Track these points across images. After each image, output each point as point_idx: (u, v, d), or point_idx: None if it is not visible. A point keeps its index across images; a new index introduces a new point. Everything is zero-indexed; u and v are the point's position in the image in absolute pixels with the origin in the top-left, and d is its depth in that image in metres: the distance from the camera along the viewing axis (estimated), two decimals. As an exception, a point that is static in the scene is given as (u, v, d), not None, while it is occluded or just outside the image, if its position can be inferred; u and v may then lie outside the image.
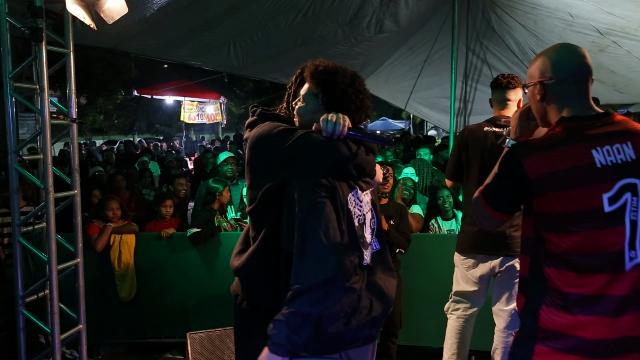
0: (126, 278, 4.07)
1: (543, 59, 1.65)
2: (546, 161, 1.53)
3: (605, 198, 1.50)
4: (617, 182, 1.51)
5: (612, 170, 1.51)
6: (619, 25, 4.71)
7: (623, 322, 1.51)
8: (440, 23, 6.22)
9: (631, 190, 1.51)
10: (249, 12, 4.67)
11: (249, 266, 1.88)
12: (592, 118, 1.60)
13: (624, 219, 1.51)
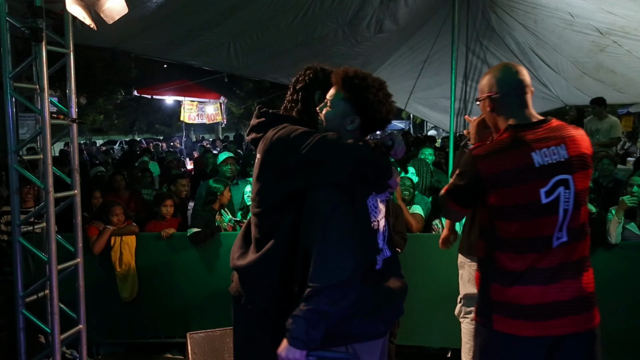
0: (127, 279, 4.07)
1: (489, 77, 2.01)
2: (495, 163, 1.88)
3: (542, 192, 1.86)
4: (552, 179, 1.85)
5: (548, 169, 1.85)
6: (619, 25, 4.71)
7: (552, 290, 1.89)
8: (440, 23, 6.22)
9: (564, 184, 1.87)
10: (249, 11, 4.66)
11: (261, 267, 1.91)
12: (533, 125, 1.94)
13: (557, 209, 1.87)
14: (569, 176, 1.87)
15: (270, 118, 1.99)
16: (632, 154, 12.30)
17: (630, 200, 3.80)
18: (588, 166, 1.95)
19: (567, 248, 1.91)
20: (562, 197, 1.87)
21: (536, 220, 1.88)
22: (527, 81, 1.99)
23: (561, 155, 1.88)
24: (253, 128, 2.04)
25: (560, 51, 6.00)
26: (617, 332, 3.78)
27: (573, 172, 1.88)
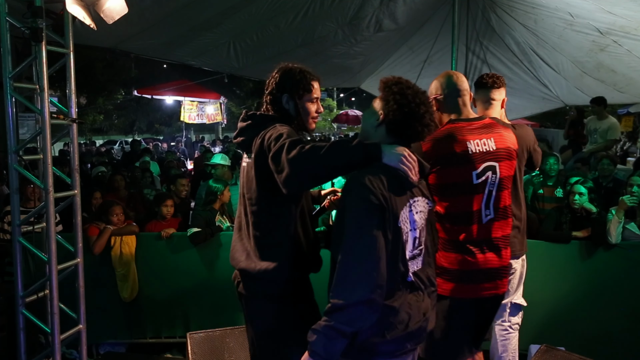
0: (128, 278, 4.07)
1: (436, 82, 2.45)
2: (435, 148, 2.28)
3: (474, 174, 2.27)
4: (482, 164, 2.28)
5: (480, 156, 2.28)
6: (619, 25, 4.71)
7: (485, 258, 2.31)
8: (440, 23, 6.22)
9: (492, 170, 2.29)
10: (249, 11, 4.66)
11: (276, 270, 2.02)
12: (469, 120, 2.37)
13: (484, 189, 2.29)
14: (496, 164, 2.30)
15: (257, 119, 2.08)
16: (632, 154, 12.31)
17: (630, 200, 3.80)
18: (512, 158, 2.38)
19: (494, 224, 2.33)
20: (489, 180, 2.29)
21: (467, 197, 2.28)
22: (464, 87, 2.43)
23: (490, 146, 2.31)
24: (241, 131, 2.11)
25: (560, 51, 6.00)
26: (617, 331, 3.78)
27: (499, 160, 2.31)
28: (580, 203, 3.97)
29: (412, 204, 1.82)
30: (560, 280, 3.86)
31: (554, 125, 18.20)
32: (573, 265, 3.87)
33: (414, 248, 1.85)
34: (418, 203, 1.85)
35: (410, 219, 1.81)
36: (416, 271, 1.86)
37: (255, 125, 2.07)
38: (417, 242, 1.86)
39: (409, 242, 1.81)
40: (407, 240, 1.81)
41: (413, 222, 1.82)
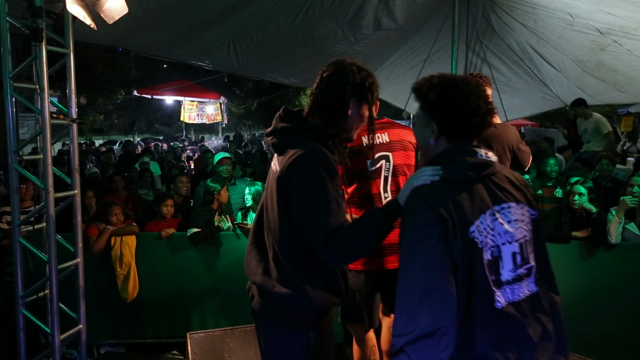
0: (128, 279, 4.06)
1: None
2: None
3: (368, 163, 2.62)
4: (376, 154, 2.63)
5: (374, 147, 2.63)
6: (618, 25, 4.71)
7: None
8: (441, 23, 6.22)
9: (385, 158, 2.64)
10: (249, 11, 4.66)
11: (302, 295, 1.80)
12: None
13: (380, 175, 2.63)
14: (390, 153, 2.66)
15: (293, 124, 1.85)
16: (632, 153, 12.31)
17: (632, 201, 3.80)
18: (407, 149, 2.71)
19: None
20: (383, 167, 2.64)
21: (365, 182, 2.64)
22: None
23: (383, 139, 2.69)
24: (276, 132, 1.89)
25: (561, 50, 5.99)
26: (617, 332, 3.78)
27: (393, 151, 2.67)
28: (580, 203, 3.97)
29: (498, 211, 1.50)
30: (560, 280, 3.83)
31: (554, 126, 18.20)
32: (573, 265, 3.87)
33: (516, 267, 1.51)
34: (511, 210, 1.53)
35: (497, 230, 1.48)
36: (519, 300, 1.50)
37: (291, 130, 1.85)
38: (519, 260, 1.51)
39: (503, 259, 1.49)
40: (500, 256, 1.48)
41: (504, 233, 1.49)
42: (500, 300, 1.47)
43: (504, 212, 1.52)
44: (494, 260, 1.47)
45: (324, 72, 1.90)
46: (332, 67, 1.88)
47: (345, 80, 1.84)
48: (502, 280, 1.47)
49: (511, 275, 1.49)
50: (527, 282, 1.53)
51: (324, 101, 1.86)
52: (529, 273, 1.54)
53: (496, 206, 1.51)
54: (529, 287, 1.53)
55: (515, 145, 3.04)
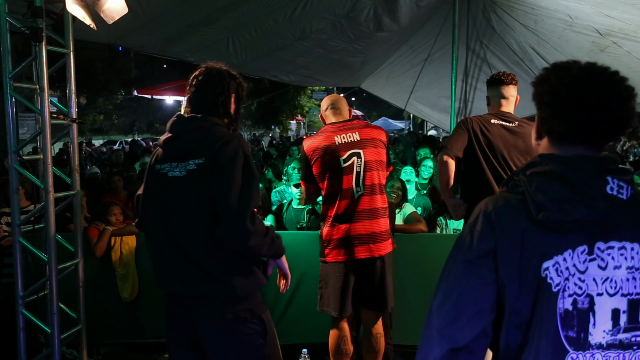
0: (128, 279, 4.06)
1: (323, 101, 3.24)
2: (312, 144, 2.98)
3: (341, 160, 2.89)
4: (348, 151, 2.90)
5: (345, 146, 2.91)
6: (618, 27, 4.71)
7: (353, 227, 2.89)
8: (441, 22, 6.23)
9: (357, 155, 2.89)
10: (248, 7, 4.67)
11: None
12: (341, 122, 3.03)
13: (352, 171, 2.88)
14: (360, 150, 2.90)
15: (207, 121, 2.10)
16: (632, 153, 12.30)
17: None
18: (378, 146, 2.94)
19: (364, 199, 2.90)
20: (355, 163, 2.88)
21: (338, 179, 2.89)
22: (329, 102, 3.16)
23: (354, 138, 2.92)
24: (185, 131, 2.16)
25: (561, 50, 6.00)
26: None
27: (363, 148, 2.90)
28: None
29: (599, 250, 1.13)
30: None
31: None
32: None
33: (617, 329, 1.12)
34: (623, 252, 1.12)
35: (592, 275, 1.12)
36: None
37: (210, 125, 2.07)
38: (625, 320, 1.12)
39: (597, 315, 1.12)
40: (594, 310, 1.12)
41: (603, 280, 1.11)
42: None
43: (609, 254, 1.13)
44: (582, 314, 1.12)
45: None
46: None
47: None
48: (592, 342, 1.12)
49: (607, 339, 1.12)
50: (627, 354, 1.12)
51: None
52: (637, 345, 1.12)
53: (599, 242, 1.13)
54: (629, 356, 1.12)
55: None
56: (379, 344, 3.12)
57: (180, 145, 2.01)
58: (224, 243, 1.93)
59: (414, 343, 4.01)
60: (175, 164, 2.00)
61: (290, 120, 30.48)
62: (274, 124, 28.49)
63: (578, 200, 1.11)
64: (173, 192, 2.00)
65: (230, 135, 2.01)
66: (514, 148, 3.03)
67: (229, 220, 1.89)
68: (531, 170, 1.18)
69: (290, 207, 4.44)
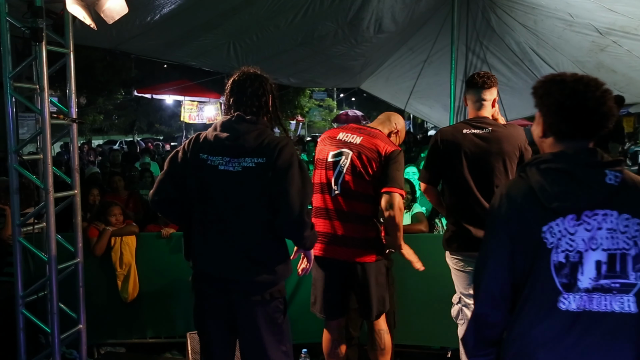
0: (128, 279, 4.06)
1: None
2: (325, 134, 3.09)
3: (330, 154, 2.94)
4: (339, 149, 2.93)
5: (341, 143, 2.95)
6: (619, 25, 4.71)
7: (329, 225, 2.91)
8: (440, 23, 6.23)
9: (345, 155, 2.90)
10: (249, 12, 4.67)
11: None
12: (362, 126, 3.09)
13: (336, 167, 2.90)
14: (350, 152, 2.89)
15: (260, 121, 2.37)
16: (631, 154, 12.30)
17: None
18: (372, 159, 2.85)
19: (339, 199, 2.88)
20: (340, 162, 2.89)
21: (322, 171, 2.94)
22: (383, 118, 3.18)
23: (354, 140, 2.92)
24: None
25: (560, 51, 6.00)
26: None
27: (354, 151, 2.88)
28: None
29: (586, 216, 1.49)
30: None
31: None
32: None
33: (600, 276, 1.47)
34: (606, 218, 1.48)
35: (580, 235, 1.48)
36: (595, 311, 1.47)
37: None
38: (605, 269, 1.47)
39: (585, 265, 1.47)
40: (581, 262, 1.47)
41: (589, 239, 1.48)
42: (567, 303, 1.48)
43: (595, 219, 1.48)
44: (571, 265, 1.48)
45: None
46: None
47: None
48: (580, 286, 1.47)
49: (591, 283, 1.47)
50: (620, 298, 1.46)
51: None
52: (624, 289, 1.46)
53: (588, 210, 1.48)
54: (622, 305, 1.46)
55: (523, 145, 3.05)
56: (383, 340, 3.06)
57: (240, 144, 2.21)
58: (283, 232, 2.25)
59: (414, 342, 4.02)
60: (227, 159, 2.21)
61: (290, 121, 30.51)
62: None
63: (583, 192, 1.48)
64: (225, 184, 2.21)
65: (286, 140, 2.26)
66: (488, 154, 2.91)
67: (291, 213, 2.17)
68: (545, 165, 1.54)
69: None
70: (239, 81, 2.34)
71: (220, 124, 2.29)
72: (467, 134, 2.98)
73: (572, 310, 1.47)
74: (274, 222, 2.21)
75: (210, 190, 2.24)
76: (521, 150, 3.03)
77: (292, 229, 2.23)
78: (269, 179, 2.17)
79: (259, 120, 2.28)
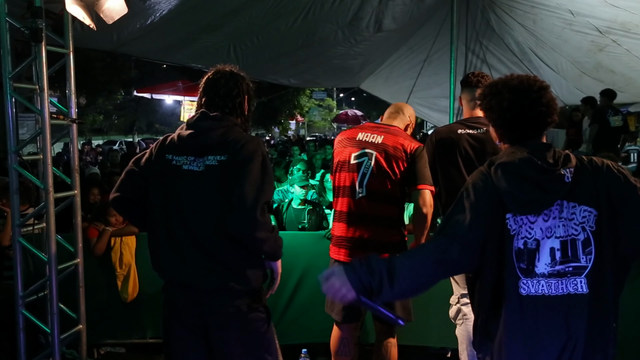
0: (128, 279, 4.06)
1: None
2: (341, 134, 3.03)
3: (352, 155, 2.84)
4: (361, 149, 2.84)
5: (362, 143, 2.85)
6: (619, 22, 4.70)
7: (353, 228, 2.82)
8: (440, 23, 6.23)
9: (368, 156, 2.81)
10: (249, 15, 4.68)
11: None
12: (379, 124, 2.99)
13: (359, 170, 2.81)
14: (374, 152, 2.79)
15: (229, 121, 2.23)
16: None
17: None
18: (396, 155, 2.79)
19: (364, 202, 2.79)
20: (364, 164, 2.80)
21: (345, 173, 2.85)
22: (395, 110, 3.12)
23: (376, 140, 2.83)
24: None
25: (559, 51, 6.01)
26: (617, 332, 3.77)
27: (378, 152, 2.80)
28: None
29: (554, 209, 1.61)
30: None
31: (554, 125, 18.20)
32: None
33: (555, 262, 1.59)
34: (560, 208, 1.62)
35: (539, 225, 1.61)
36: (554, 295, 1.58)
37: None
38: (558, 256, 1.59)
39: (541, 252, 1.59)
40: (538, 250, 1.60)
41: (546, 228, 1.60)
42: (526, 288, 1.58)
43: (560, 210, 1.60)
44: (528, 252, 1.59)
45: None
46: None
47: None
48: (537, 272, 1.58)
49: (547, 269, 1.58)
50: (573, 280, 1.57)
51: None
52: (576, 272, 1.58)
53: (557, 203, 1.61)
54: (575, 286, 1.57)
55: None
56: (390, 354, 3.01)
57: (203, 141, 2.08)
58: (232, 232, 2.00)
59: (414, 343, 4.01)
60: (192, 158, 2.07)
61: (290, 120, 30.50)
62: (274, 125, 28.51)
63: (546, 197, 1.59)
64: (189, 185, 2.07)
65: (252, 137, 2.13)
66: (483, 154, 2.90)
67: (240, 209, 1.96)
68: (510, 170, 1.62)
69: (291, 207, 4.45)
70: (212, 80, 2.20)
71: (186, 123, 2.18)
72: (462, 134, 3.00)
73: (532, 295, 1.57)
74: (226, 220, 2.00)
75: (175, 191, 2.09)
76: None
77: (242, 227, 1.99)
78: (229, 177, 2.03)
79: (225, 117, 2.14)
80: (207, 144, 2.07)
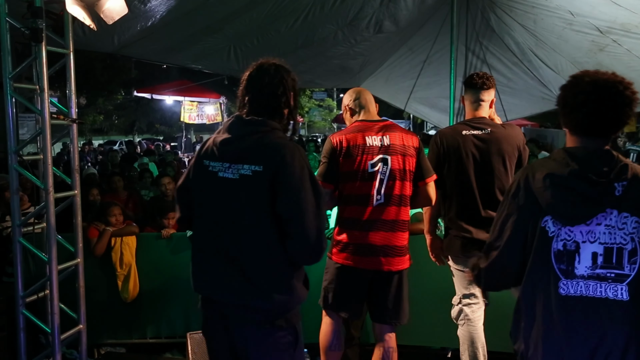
0: (129, 279, 4.07)
1: (347, 95, 3.01)
2: (343, 139, 2.77)
3: (369, 164, 2.74)
4: (377, 156, 2.74)
5: (375, 149, 2.75)
6: (620, 22, 4.69)
7: (368, 235, 2.75)
8: (440, 23, 6.23)
9: (384, 161, 2.74)
10: (250, 16, 4.68)
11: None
12: (372, 121, 2.87)
13: (376, 177, 2.73)
14: (389, 157, 2.75)
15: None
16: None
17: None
18: (407, 154, 2.78)
19: (383, 208, 2.75)
20: (380, 170, 2.73)
21: (361, 182, 2.73)
22: (368, 98, 2.97)
23: (384, 142, 2.76)
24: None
25: (559, 51, 6.00)
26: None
27: (391, 154, 2.75)
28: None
29: (600, 215, 1.64)
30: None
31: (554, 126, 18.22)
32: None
33: (596, 266, 1.63)
34: (605, 216, 1.64)
35: (579, 229, 1.64)
36: (591, 297, 1.62)
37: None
38: (601, 260, 1.63)
39: (582, 254, 1.63)
40: (578, 252, 1.64)
41: (587, 232, 1.64)
42: (566, 289, 1.63)
43: (603, 217, 1.63)
44: (567, 253, 1.63)
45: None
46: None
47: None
48: (577, 273, 1.63)
49: (587, 271, 1.62)
50: (614, 287, 1.60)
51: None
52: (618, 279, 1.60)
53: (605, 211, 1.63)
54: (615, 292, 1.60)
55: (522, 145, 3.06)
56: (391, 359, 2.99)
57: (236, 148, 1.95)
58: (297, 260, 1.96)
59: (414, 343, 4.02)
60: (227, 165, 1.94)
61: (290, 121, 30.45)
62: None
63: (593, 210, 1.61)
64: (224, 194, 1.95)
65: (289, 144, 1.93)
66: (488, 155, 2.94)
67: (307, 240, 1.89)
68: (556, 181, 1.63)
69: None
70: (255, 77, 2.02)
71: (227, 125, 2.03)
72: (466, 135, 2.99)
73: (571, 295, 1.61)
74: (287, 248, 1.92)
75: (209, 200, 1.99)
76: (520, 150, 3.04)
77: (309, 258, 1.95)
78: (269, 191, 1.88)
79: (262, 121, 1.97)
80: (241, 151, 1.93)
